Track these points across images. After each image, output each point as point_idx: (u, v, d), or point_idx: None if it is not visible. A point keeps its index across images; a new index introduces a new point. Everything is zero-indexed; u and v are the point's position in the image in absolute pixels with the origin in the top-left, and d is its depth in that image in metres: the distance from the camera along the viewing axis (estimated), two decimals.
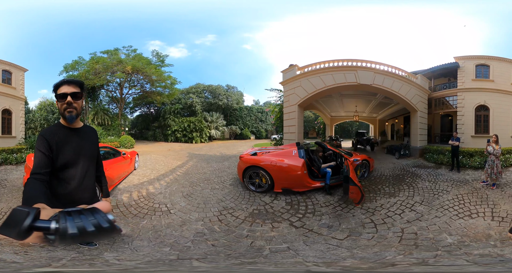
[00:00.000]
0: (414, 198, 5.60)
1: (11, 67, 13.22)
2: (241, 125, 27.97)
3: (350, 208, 5.08)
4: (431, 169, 8.69)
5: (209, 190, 6.03)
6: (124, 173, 6.75)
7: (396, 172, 8.45)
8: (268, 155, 6.15)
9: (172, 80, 21.25)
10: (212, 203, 5.14)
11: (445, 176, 7.58)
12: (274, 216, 4.56)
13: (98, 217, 0.73)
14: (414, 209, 4.99)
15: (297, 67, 10.95)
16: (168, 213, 4.57)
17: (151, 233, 3.75)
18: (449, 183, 6.74)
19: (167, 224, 4.10)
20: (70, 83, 1.59)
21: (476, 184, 6.70)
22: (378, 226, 4.32)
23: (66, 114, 1.58)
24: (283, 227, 4.12)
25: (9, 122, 13.07)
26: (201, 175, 7.67)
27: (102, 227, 0.71)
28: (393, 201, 5.48)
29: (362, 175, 7.52)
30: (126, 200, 5.13)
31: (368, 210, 5.00)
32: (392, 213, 4.83)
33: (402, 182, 7.01)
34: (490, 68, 12.61)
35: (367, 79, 10.34)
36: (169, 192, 5.81)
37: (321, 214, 4.74)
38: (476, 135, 12.44)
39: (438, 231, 4.04)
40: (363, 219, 4.59)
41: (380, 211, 4.95)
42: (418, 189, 6.23)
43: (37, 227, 0.70)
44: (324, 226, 4.25)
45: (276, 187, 5.67)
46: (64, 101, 1.55)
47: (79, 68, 18.60)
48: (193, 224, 4.11)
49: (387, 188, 6.44)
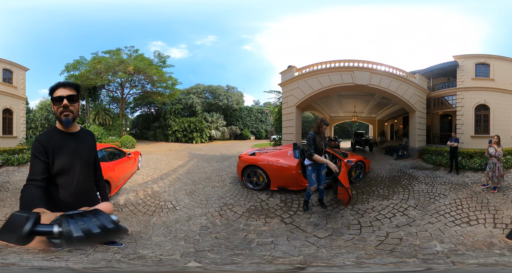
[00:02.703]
0: (408, 202, 5.20)
1: (12, 66, 12.94)
2: (241, 125, 27.66)
3: (341, 208, 4.87)
4: (429, 171, 8.26)
5: (210, 188, 6.16)
6: (129, 173, 6.75)
7: (392, 173, 8.05)
8: (266, 155, 6.21)
9: (173, 80, 21.06)
10: (214, 199, 5.31)
11: (443, 179, 7.15)
12: (268, 212, 4.68)
13: (102, 219, 0.72)
14: (406, 214, 4.59)
15: (295, 68, 10.73)
16: (174, 210, 4.73)
17: (163, 229, 3.89)
18: (447, 186, 6.32)
19: (175, 219, 4.27)
20: (66, 86, 1.52)
21: (476, 187, 6.27)
22: (364, 228, 4.02)
23: (63, 117, 1.52)
24: (275, 222, 4.24)
25: (10, 122, 12.82)
26: (202, 174, 7.70)
27: (107, 228, 0.70)
28: (386, 204, 5.10)
29: (357, 176, 7.15)
30: (133, 199, 5.24)
31: (358, 211, 4.72)
32: (382, 216, 4.48)
33: (397, 184, 6.61)
34: (490, 67, 12.23)
35: (364, 79, 10.02)
36: (173, 190, 5.91)
37: (311, 212, 4.68)
38: (476, 135, 12.01)
39: (428, 238, 3.66)
40: (351, 220, 4.35)
41: (370, 213, 4.63)
42: (413, 192, 5.83)
43: (39, 231, 0.69)
44: (311, 224, 4.20)
45: (272, 185, 5.76)
46: (60, 104, 1.49)
47: (80, 67, 18.33)
48: (198, 219, 4.32)
49: (381, 190, 6.05)
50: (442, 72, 13.46)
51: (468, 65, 12.22)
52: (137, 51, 19.44)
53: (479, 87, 12.12)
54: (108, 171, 4.93)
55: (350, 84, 10.11)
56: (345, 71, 10.07)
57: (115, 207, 4.76)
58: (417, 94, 11.35)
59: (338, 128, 30.61)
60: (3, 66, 12.56)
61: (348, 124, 30.59)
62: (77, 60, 18.32)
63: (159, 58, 20.88)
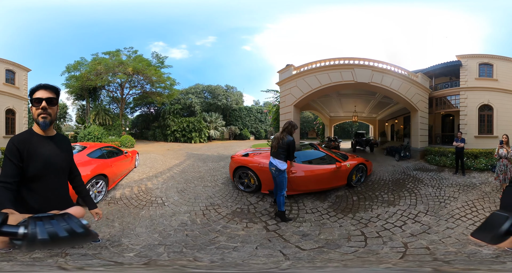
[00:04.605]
0: (417, 207, 4.74)
1: (14, 67, 12.80)
2: (241, 125, 27.23)
3: (340, 217, 4.38)
4: (433, 173, 7.79)
5: (202, 187, 6.10)
6: (126, 170, 7.02)
7: (396, 176, 7.59)
8: (258, 157, 5.92)
9: (171, 81, 21.04)
10: (202, 199, 5.25)
11: (450, 180, 6.70)
12: (253, 217, 4.40)
13: (71, 223, 0.70)
14: (418, 220, 4.13)
15: (293, 67, 10.38)
16: (163, 205, 4.84)
17: (147, 221, 4.05)
18: (455, 188, 5.88)
19: (161, 214, 4.40)
20: (46, 88, 1.49)
21: (485, 187, 5.85)
22: (370, 239, 3.51)
23: (40, 120, 1.48)
24: (256, 228, 3.94)
25: (13, 122, 12.73)
26: (196, 173, 7.65)
27: (75, 232, 0.69)
28: (392, 210, 4.64)
29: (358, 180, 6.69)
30: (128, 193, 5.46)
31: (360, 220, 4.19)
32: (390, 225, 3.98)
33: (402, 188, 6.15)
34: (493, 67, 11.96)
35: (365, 77, 9.58)
36: (165, 187, 5.98)
37: (302, 220, 4.25)
38: (480, 135, 11.64)
39: (461, 244, 3.18)
40: (352, 230, 3.81)
41: (376, 222, 4.12)
42: (421, 196, 5.38)
43: (4, 232, 0.68)
44: (298, 233, 3.75)
45: (263, 189, 5.45)
46: (39, 106, 1.46)
47: (81, 68, 18.24)
48: (181, 215, 4.35)
49: (386, 195, 5.59)
50: (444, 72, 13.06)
51: (472, 65, 11.92)
52: (136, 52, 19.43)
53: (483, 87, 11.84)
54: (106, 167, 5.42)
55: (350, 81, 9.69)
56: (345, 68, 9.68)
57: (112, 201, 4.93)
58: (419, 93, 10.91)
59: (339, 128, 30.13)
60: (6, 66, 12.40)
61: (349, 124, 30.12)
62: (78, 61, 18.32)
63: (157, 59, 20.89)
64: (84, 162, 4.99)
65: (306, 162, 6.15)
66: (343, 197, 5.42)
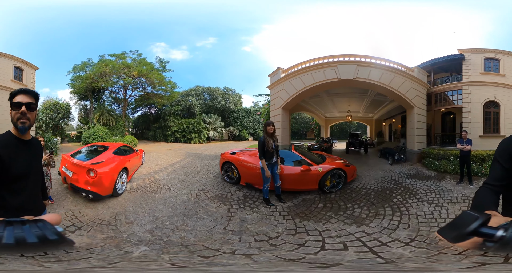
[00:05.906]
0: (395, 234, 2.99)
1: (22, 64, 11.86)
2: (239, 126, 25.75)
3: (287, 218, 3.92)
4: (432, 182, 5.90)
5: (197, 178, 6.74)
6: (136, 165, 7.53)
7: (383, 184, 5.78)
8: (242, 155, 6.20)
9: (172, 84, 20.52)
10: (196, 186, 5.94)
11: (454, 193, 4.84)
12: (226, 201, 4.90)
13: (44, 229, 0.65)
14: (382, 253, 2.40)
15: (282, 70, 9.50)
16: (169, 190, 5.58)
17: (162, 201, 4.87)
18: (461, 205, 4.06)
19: (169, 196, 5.18)
20: (26, 93, 1.38)
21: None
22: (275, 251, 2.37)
23: (19, 124, 1.37)
24: (223, 208, 4.47)
25: None
26: (194, 168, 8.16)
27: (47, 239, 0.64)
28: (351, 231, 3.02)
29: (334, 186, 5.01)
30: (142, 184, 6.06)
31: (297, 229, 3.38)
32: (330, 246, 2.42)
33: (386, 202, 4.37)
34: (500, 62, 10.03)
35: (349, 73, 8.13)
36: (170, 178, 6.67)
37: (256, 210, 4.38)
38: (485, 135, 9.61)
39: None
40: (273, 236, 3.23)
41: (312, 236, 2.91)
42: (408, 217, 3.60)
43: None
44: (243, 219, 3.98)
45: (241, 181, 5.81)
46: (18, 111, 1.35)
47: (87, 69, 17.54)
48: (182, 196, 5.13)
49: (359, 209, 3.93)
50: (444, 67, 11.06)
51: (476, 59, 10.02)
52: (140, 55, 18.84)
53: (489, 82, 9.87)
54: (126, 162, 5.96)
55: (334, 79, 8.39)
56: (328, 67, 8.48)
57: (133, 191, 5.43)
58: (415, 88, 8.99)
59: (336, 129, 27.98)
60: (14, 63, 11.51)
61: (346, 124, 27.88)
62: (85, 61, 17.64)
63: (160, 63, 20.37)
64: (111, 158, 5.49)
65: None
66: (309, 201, 4.69)
